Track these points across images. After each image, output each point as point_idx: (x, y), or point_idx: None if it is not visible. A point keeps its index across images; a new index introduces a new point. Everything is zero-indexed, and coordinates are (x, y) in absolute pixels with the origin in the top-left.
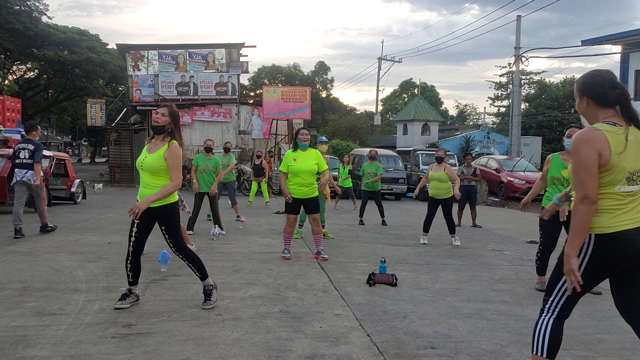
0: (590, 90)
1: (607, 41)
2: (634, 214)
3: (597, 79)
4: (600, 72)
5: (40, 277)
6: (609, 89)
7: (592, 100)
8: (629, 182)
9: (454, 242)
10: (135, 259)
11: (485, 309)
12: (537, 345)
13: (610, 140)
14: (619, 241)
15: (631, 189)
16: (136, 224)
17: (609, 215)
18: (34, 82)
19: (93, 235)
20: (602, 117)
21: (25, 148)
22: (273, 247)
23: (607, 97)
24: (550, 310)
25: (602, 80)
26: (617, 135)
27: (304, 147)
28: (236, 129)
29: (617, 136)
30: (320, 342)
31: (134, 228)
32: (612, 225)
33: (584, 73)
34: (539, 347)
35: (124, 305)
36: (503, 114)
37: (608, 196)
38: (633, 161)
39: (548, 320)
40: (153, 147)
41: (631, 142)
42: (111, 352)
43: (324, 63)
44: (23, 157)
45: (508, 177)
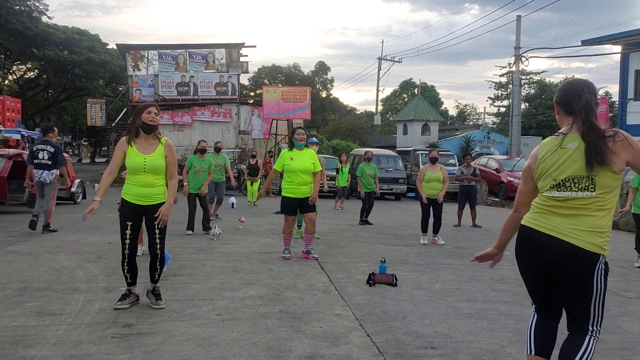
0: (559, 98)
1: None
2: (554, 220)
3: (567, 87)
4: (574, 81)
5: (40, 277)
6: (575, 98)
7: (560, 107)
8: (557, 188)
9: (438, 241)
10: (131, 260)
11: (485, 309)
12: (526, 344)
13: (541, 149)
14: (527, 234)
15: (558, 194)
16: (129, 226)
17: (532, 211)
18: (34, 82)
19: (93, 235)
20: (562, 124)
21: (45, 149)
22: (273, 247)
23: (571, 105)
24: (533, 309)
25: (571, 87)
26: (552, 142)
27: (300, 146)
28: (236, 129)
29: (550, 142)
30: (320, 342)
31: (128, 230)
32: (529, 220)
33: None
34: (527, 346)
35: (124, 305)
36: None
37: (540, 197)
38: (567, 169)
39: (532, 319)
40: (146, 147)
41: (569, 150)
42: (111, 352)
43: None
44: (42, 157)
45: (508, 177)
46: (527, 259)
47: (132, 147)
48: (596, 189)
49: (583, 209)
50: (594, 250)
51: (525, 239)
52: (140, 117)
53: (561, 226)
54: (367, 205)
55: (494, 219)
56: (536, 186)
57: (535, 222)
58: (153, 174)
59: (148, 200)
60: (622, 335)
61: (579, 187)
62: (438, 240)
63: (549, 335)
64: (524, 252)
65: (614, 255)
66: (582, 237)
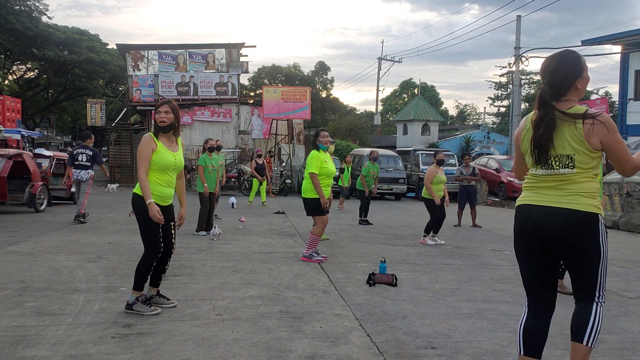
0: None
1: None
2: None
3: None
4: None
5: (40, 277)
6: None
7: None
8: (541, 166)
9: (438, 241)
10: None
11: (485, 309)
12: (517, 343)
13: (525, 124)
14: (527, 212)
15: (542, 172)
16: (161, 228)
17: (523, 191)
18: (34, 82)
19: (93, 235)
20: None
21: (84, 153)
22: (273, 247)
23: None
24: (525, 307)
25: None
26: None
27: (325, 148)
28: (236, 129)
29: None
30: (320, 342)
31: (160, 234)
32: (523, 199)
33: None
34: (518, 345)
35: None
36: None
37: (527, 176)
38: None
39: (523, 318)
40: (170, 145)
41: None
42: (111, 352)
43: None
44: (81, 159)
45: (508, 177)
46: (528, 235)
47: (160, 144)
48: (575, 166)
49: (568, 180)
50: (592, 211)
51: (525, 217)
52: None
53: (555, 197)
54: (366, 203)
55: (494, 219)
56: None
57: (530, 199)
58: (177, 173)
59: (169, 200)
60: (622, 335)
61: (560, 165)
62: (438, 240)
63: (539, 336)
64: (525, 230)
65: (614, 255)
66: (578, 201)
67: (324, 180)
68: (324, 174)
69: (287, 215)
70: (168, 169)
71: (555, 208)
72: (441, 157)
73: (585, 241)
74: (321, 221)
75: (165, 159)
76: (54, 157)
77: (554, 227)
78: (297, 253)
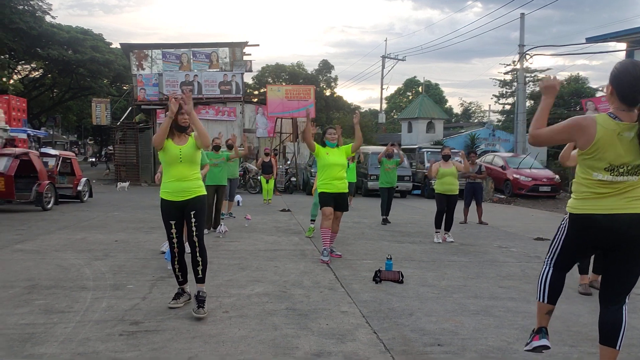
0: (617, 82)
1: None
2: (609, 202)
3: (628, 77)
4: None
5: (47, 275)
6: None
7: (615, 91)
8: (610, 172)
9: (448, 238)
10: (181, 259)
11: (492, 306)
12: (539, 292)
13: (599, 128)
14: (589, 222)
15: (610, 178)
16: (174, 225)
17: (579, 198)
18: (39, 81)
19: (100, 234)
20: (614, 107)
21: None
22: (279, 244)
23: (629, 96)
24: (547, 263)
25: (632, 78)
26: (609, 126)
27: (332, 145)
28: (241, 128)
29: (608, 126)
30: (327, 339)
31: (173, 229)
32: (581, 207)
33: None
34: (540, 294)
35: (178, 304)
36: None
37: (585, 182)
38: (621, 155)
39: (548, 272)
40: (179, 141)
41: (626, 139)
42: (119, 349)
43: (327, 61)
44: None
45: (514, 174)
46: (587, 242)
47: (169, 140)
48: None
49: (632, 187)
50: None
51: (586, 225)
52: (176, 120)
53: (619, 204)
54: (387, 201)
55: (500, 216)
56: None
57: (591, 208)
58: (189, 165)
59: (186, 194)
60: (630, 331)
61: (631, 173)
62: (448, 237)
63: (562, 287)
64: (585, 238)
65: None
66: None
67: (329, 173)
68: (324, 164)
69: (292, 213)
70: (174, 162)
71: (627, 215)
72: (447, 153)
73: None
74: (322, 213)
75: (170, 153)
76: (60, 156)
77: (624, 233)
78: (303, 250)
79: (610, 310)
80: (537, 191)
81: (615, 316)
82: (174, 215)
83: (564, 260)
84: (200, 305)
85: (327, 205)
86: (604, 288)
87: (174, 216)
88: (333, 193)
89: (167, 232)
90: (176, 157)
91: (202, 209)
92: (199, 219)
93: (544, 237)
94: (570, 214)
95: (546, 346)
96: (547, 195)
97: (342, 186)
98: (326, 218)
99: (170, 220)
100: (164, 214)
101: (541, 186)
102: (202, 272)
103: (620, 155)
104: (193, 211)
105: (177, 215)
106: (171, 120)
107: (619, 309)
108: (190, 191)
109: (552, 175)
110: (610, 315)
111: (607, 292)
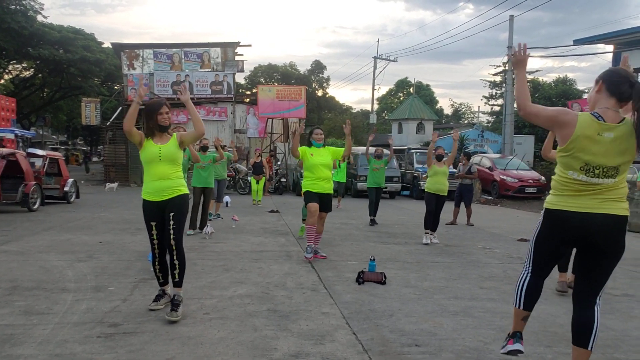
0: (608, 77)
1: (600, 40)
2: (582, 201)
3: (619, 71)
4: (624, 69)
5: (30, 276)
6: (625, 83)
7: (605, 86)
8: (585, 172)
9: (433, 239)
10: (162, 260)
11: (471, 307)
12: (516, 298)
13: (578, 125)
14: (562, 217)
15: (585, 179)
16: (154, 226)
17: (556, 194)
18: (29, 81)
19: (85, 235)
20: (599, 106)
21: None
22: (265, 245)
23: (619, 87)
24: (525, 268)
25: (624, 73)
26: (590, 124)
27: (318, 145)
28: (232, 128)
29: (589, 125)
30: (306, 341)
31: (153, 231)
32: (557, 203)
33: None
34: (517, 300)
35: (158, 306)
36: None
37: (562, 180)
38: (599, 156)
39: (525, 278)
40: (160, 140)
41: (605, 139)
42: (96, 351)
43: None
44: None
45: (501, 175)
46: (559, 238)
47: (149, 140)
48: (618, 175)
49: (607, 189)
50: (625, 214)
51: (558, 221)
52: (156, 120)
53: (592, 203)
54: (375, 202)
55: (486, 217)
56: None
57: (565, 204)
58: (169, 164)
59: (167, 194)
60: (606, 332)
61: (605, 175)
62: (433, 238)
63: (539, 293)
64: (557, 234)
65: None
66: (615, 206)
67: (314, 173)
68: (309, 165)
69: (281, 214)
70: (154, 159)
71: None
72: (440, 153)
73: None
74: (308, 209)
75: (149, 152)
76: (47, 156)
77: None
78: (289, 252)
79: (583, 310)
80: (523, 192)
81: (587, 316)
82: (155, 216)
83: (540, 260)
84: (174, 309)
85: (312, 202)
86: (576, 287)
87: (154, 217)
88: (318, 193)
89: (148, 233)
90: (155, 155)
91: (182, 210)
92: (177, 222)
93: (527, 238)
94: (545, 209)
95: (519, 350)
96: (533, 197)
97: (327, 187)
98: (312, 215)
99: (151, 222)
100: (145, 214)
101: (527, 187)
102: (179, 276)
103: (597, 156)
104: (172, 213)
105: (158, 216)
106: (138, 106)
107: (591, 309)
108: (171, 190)
109: (538, 177)
110: (583, 316)
111: (579, 292)
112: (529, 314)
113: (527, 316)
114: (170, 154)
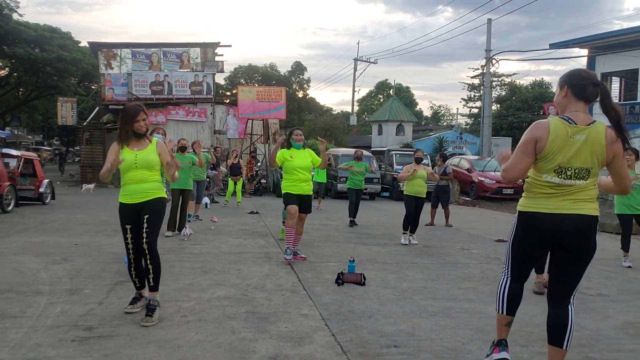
0: (573, 81)
1: (575, 44)
2: (554, 202)
3: (582, 73)
4: (585, 70)
5: (3, 279)
6: (589, 85)
7: (571, 90)
8: (558, 175)
9: (412, 240)
10: (137, 264)
11: (449, 307)
12: (498, 304)
13: (551, 131)
14: (534, 219)
15: (558, 181)
16: (129, 229)
17: (528, 197)
18: (4, 80)
19: (60, 237)
20: (568, 109)
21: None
22: (244, 247)
23: (585, 90)
24: (505, 273)
25: (586, 75)
26: (561, 129)
27: (298, 147)
28: (211, 129)
29: (560, 129)
30: (285, 343)
31: (128, 234)
32: (529, 205)
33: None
34: (499, 306)
35: (135, 309)
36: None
37: (535, 182)
38: (570, 158)
39: (505, 283)
40: (137, 145)
41: (577, 141)
42: (70, 355)
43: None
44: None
45: (479, 177)
46: (534, 240)
47: (125, 148)
48: (589, 177)
49: (579, 190)
50: (595, 214)
51: (532, 223)
52: (133, 126)
53: (564, 204)
54: (355, 203)
55: (465, 218)
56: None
57: (538, 207)
58: (146, 169)
59: (143, 196)
60: (580, 332)
61: (577, 177)
62: (412, 240)
63: (520, 297)
64: (531, 236)
65: None
66: (585, 207)
67: (293, 175)
68: (288, 167)
69: (260, 215)
70: (130, 166)
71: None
72: (419, 156)
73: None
74: (287, 211)
75: (125, 159)
76: (22, 156)
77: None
78: (268, 253)
79: (557, 310)
80: (501, 193)
81: (561, 316)
82: (130, 218)
83: (518, 263)
84: (149, 314)
85: (291, 204)
86: (550, 288)
87: (130, 220)
88: (297, 194)
89: (124, 237)
90: (131, 162)
91: (157, 213)
92: (151, 225)
93: (504, 238)
94: (518, 212)
95: (506, 359)
96: (510, 198)
97: (307, 188)
98: (291, 217)
99: (126, 225)
100: (120, 217)
101: (505, 189)
102: (154, 280)
103: (569, 158)
104: (147, 215)
105: (134, 219)
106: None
107: (566, 309)
108: (148, 193)
109: None
110: (557, 315)
111: (553, 292)
112: (512, 319)
113: (511, 321)
114: (146, 160)
